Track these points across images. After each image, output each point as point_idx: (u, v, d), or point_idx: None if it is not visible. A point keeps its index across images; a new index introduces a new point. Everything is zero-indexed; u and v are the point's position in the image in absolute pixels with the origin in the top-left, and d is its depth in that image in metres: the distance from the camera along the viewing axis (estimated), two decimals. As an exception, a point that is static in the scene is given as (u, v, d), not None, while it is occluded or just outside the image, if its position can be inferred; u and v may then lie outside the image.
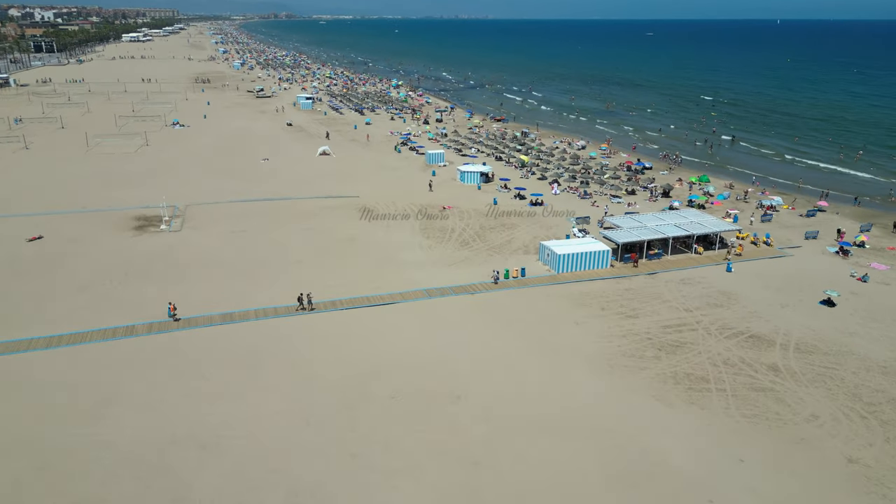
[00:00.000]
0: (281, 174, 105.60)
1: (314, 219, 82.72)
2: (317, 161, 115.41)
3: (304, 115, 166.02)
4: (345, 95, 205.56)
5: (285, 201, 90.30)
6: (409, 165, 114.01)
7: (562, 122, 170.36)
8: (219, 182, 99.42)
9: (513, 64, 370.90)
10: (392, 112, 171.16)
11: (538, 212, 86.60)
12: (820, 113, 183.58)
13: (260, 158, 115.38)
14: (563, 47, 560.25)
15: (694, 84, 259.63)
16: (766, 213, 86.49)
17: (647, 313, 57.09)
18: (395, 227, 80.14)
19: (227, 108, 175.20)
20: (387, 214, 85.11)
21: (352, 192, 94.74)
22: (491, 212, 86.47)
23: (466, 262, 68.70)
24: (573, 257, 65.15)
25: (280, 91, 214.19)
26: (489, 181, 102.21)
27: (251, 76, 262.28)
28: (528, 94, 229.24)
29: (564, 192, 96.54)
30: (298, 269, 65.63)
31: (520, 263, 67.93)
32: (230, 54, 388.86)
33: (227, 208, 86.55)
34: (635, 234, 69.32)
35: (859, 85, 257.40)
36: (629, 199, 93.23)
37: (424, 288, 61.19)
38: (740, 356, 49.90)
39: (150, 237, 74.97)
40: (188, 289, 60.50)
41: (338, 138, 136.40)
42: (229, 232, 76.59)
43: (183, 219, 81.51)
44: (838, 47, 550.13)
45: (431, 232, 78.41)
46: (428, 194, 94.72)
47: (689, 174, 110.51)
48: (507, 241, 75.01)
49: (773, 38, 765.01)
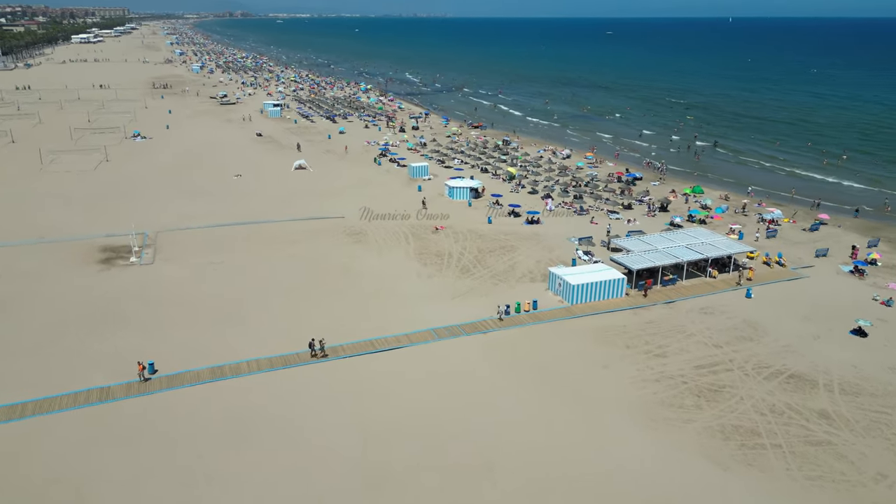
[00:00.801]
0: (256, 192, 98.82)
1: (299, 245, 76.56)
2: (293, 176, 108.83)
3: (273, 124, 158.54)
4: (313, 101, 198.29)
5: (265, 225, 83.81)
6: (392, 179, 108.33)
7: (540, 128, 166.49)
8: (189, 203, 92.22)
9: (479, 65, 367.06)
10: (366, 119, 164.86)
11: (538, 231, 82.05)
12: (789, 116, 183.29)
13: (232, 174, 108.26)
14: (527, 47, 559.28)
15: (661, 86, 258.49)
16: (770, 228, 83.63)
17: (675, 351, 52.94)
18: (387, 252, 74.61)
19: (191, 117, 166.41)
20: (377, 237, 79.50)
21: (336, 213, 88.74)
22: (487, 232, 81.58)
23: (471, 293, 63.65)
24: (588, 287, 60.71)
25: (245, 97, 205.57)
26: (479, 196, 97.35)
27: (212, 80, 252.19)
28: (499, 98, 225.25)
29: (559, 208, 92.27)
30: (289, 308, 59.64)
31: (527, 293, 63.29)
32: (188, 56, 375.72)
33: (202, 235, 79.70)
34: (648, 259, 65.29)
35: (820, 85, 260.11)
36: (627, 215, 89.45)
37: (432, 328, 55.88)
38: (786, 402, 46.03)
39: (119, 272, 67.87)
40: (168, 336, 54.03)
41: (312, 150, 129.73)
42: (207, 264, 69.93)
43: (154, 249, 74.45)
44: (793, 46, 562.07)
45: (428, 257, 73.12)
46: (418, 213, 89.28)
47: (680, 184, 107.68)
48: (511, 267, 70.22)
49: (727, 36, 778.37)
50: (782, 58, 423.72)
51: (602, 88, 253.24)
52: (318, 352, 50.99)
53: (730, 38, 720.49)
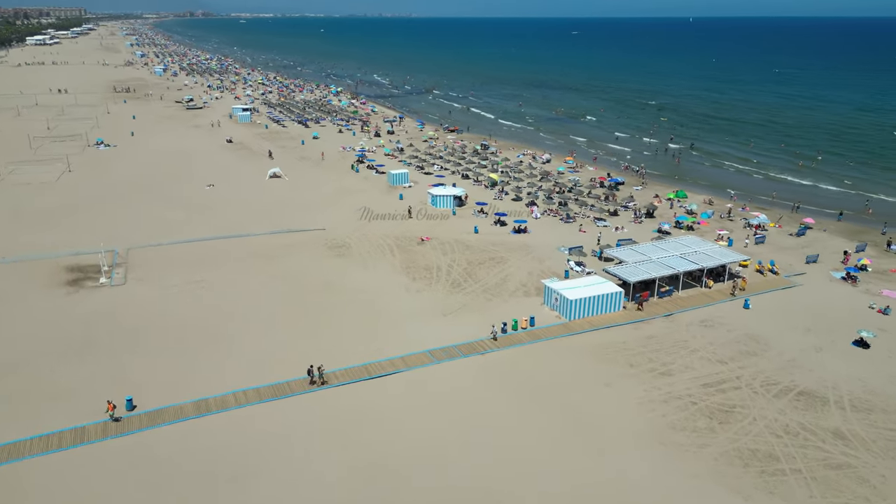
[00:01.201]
0: (231, 203, 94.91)
1: (280, 260, 73.21)
2: (268, 185, 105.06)
3: (243, 130, 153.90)
4: (283, 105, 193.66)
5: (242, 239, 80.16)
6: (372, 187, 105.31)
7: (516, 132, 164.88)
8: (161, 216, 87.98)
9: (448, 66, 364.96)
10: (339, 124, 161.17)
11: (526, 241, 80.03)
12: (759, 117, 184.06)
13: (204, 184, 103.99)
14: (494, 47, 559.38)
15: (630, 87, 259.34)
16: (758, 233, 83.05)
17: (680, 368, 51.32)
18: (373, 266, 71.79)
19: (156, 123, 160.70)
20: (360, 250, 76.59)
21: (316, 224, 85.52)
22: (474, 243, 79.26)
23: (464, 309, 61.26)
24: (586, 302, 58.84)
25: (212, 101, 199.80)
26: (463, 204, 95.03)
27: (176, 83, 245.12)
28: (472, 100, 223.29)
29: (545, 216, 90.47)
30: (275, 331, 56.48)
31: (522, 308, 61.21)
32: (149, 58, 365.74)
33: (176, 251, 75.77)
34: (644, 271, 63.75)
35: (785, 86, 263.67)
36: (614, 222, 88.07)
37: (428, 350, 53.32)
38: (798, 421, 44.68)
39: (88, 294, 63.74)
40: (146, 366, 50.46)
41: (286, 157, 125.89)
42: (185, 283, 66.20)
43: (126, 268, 70.34)
44: (755, 46, 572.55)
45: (415, 271, 70.52)
46: (401, 223, 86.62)
47: (662, 188, 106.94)
48: (502, 280, 68.03)
49: (689, 36, 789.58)
50: (745, 58, 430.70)
51: (572, 90, 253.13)
52: (317, 379, 48.06)
53: (692, 38, 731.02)
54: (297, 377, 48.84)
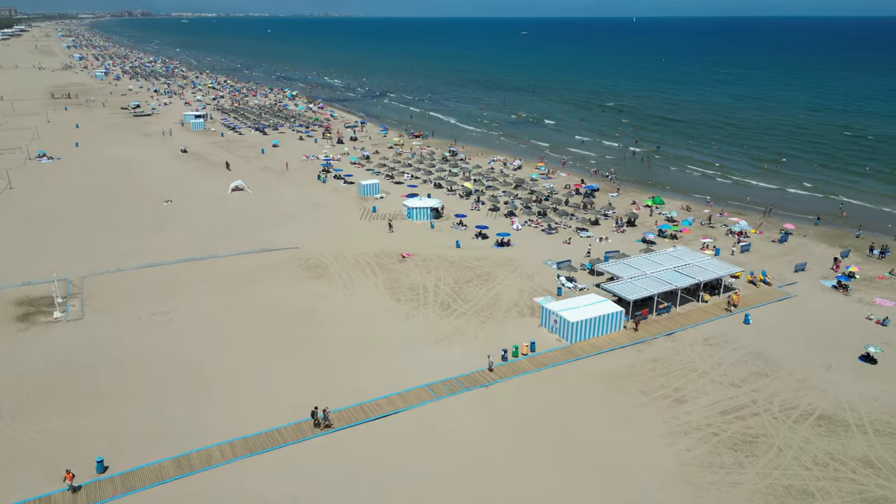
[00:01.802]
0: (192, 220, 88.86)
1: (253, 285, 68.11)
2: (231, 199, 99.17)
3: (197, 138, 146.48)
4: (238, 111, 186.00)
5: (209, 261, 74.59)
6: (341, 199, 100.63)
7: (480, 136, 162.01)
8: (117, 238, 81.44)
9: (404, 68, 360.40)
10: (299, 130, 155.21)
11: (511, 255, 76.90)
12: (716, 119, 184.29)
13: (161, 200, 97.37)
14: (447, 48, 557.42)
15: (585, 88, 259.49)
16: (741, 241, 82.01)
17: (694, 394, 48.90)
18: (354, 289, 67.45)
19: (102, 132, 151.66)
20: (339, 270, 72.11)
21: (287, 242, 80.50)
22: (457, 259, 75.74)
23: (458, 334, 57.66)
24: (587, 324, 56.02)
25: (160, 107, 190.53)
26: (440, 216, 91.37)
27: (120, 88, 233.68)
28: (431, 104, 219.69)
29: (526, 226, 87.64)
30: (255, 369, 51.72)
31: (518, 330, 58.11)
32: (88, 61, 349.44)
33: (137, 277, 69.77)
34: (641, 287, 61.37)
35: (734, 86, 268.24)
36: (595, 231, 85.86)
37: (427, 384, 49.49)
38: (825, 450, 42.70)
39: (42, 332, 57.52)
40: (115, 416, 45.14)
41: (246, 167, 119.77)
42: (150, 315, 60.56)
43: (82, 298, 64.11)
44: (700, 46, 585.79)
45: (400, 292, 66.53)
46: (379, 239, 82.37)
47: (637, 195, 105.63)
48: (494, 300, 64.70)
49: (634, 36, 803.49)
50: (692, 57, 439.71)
51: (530, 92, 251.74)
52: (321, 421, 43.81)
53: (637, 38, 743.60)
54: (287, 423, 44.41)
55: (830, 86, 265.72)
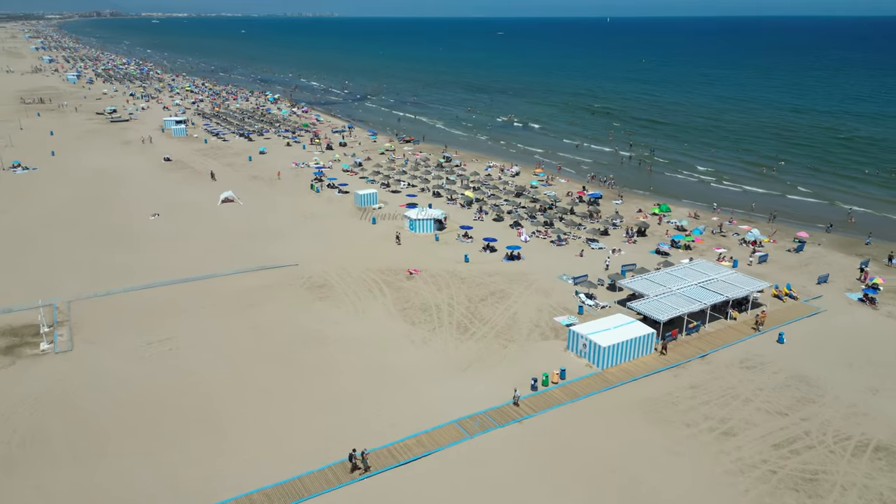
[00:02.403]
0: (183, 236, 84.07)
1: (256, 308, 63.85)
2: (222, 212, 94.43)
3: (180, 145, 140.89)
4: (219, 116, 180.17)
5: (206, 281, 70.07)
6: (337, 210, 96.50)
7: (472, 141, 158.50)
8: (104, 256, 76.42)
9: (381, 69, 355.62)
10: (285, 136, 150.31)
11: (523, 269, 73.55)
12: (704, 121, 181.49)
13: (147, 214, 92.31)
14: (426, 48, 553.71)
15: (571, 91, 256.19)
16: (757, 251, 79.67)
17: (742, 425, 45.94)
18: (363, 310, 63.54)
19: (79, 139, 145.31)
20: (345, 289, 68.13)
21: (286, 258, 76.25)
22: (467, 274, 72.19)
23: (480, 361, 54.13)
24: (619, 348, 52.88)
25: (138, 112, 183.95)
26: (443, 228, 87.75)
27: (94, 92, 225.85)
28: (418, 107, 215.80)
29: (534, 237, 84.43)
30: (270, 405, 47.65)
31: (544, 355, 54.83)
32: (59, 63, 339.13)
33: (129, 301, 65.03)
34: (670, 305, 58.44)
35: (715, 86, 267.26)
36: (606, 242, 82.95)
37: (455, 420, 45.85)
38: (890, 486, 40.00)
39: (28, 367, 52.72)
40: (120, 471, 40.78)
41: (234, 177, 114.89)
42: (147, 345, 56.03)
43: (70, 326, 59.31)
44: (676, 46, 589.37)
45: (413, 313, 62.81)
46: (384, 253, 78.51)
47: (641, 202, 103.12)
48: (512, 320, 61.30)
49: (609, 36, 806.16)
50: (670, 57, 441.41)
51: (515, 94, 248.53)
52: (360, 465, 40.13)
53: (612, 39, 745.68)
54: (310, 470, 40.50)
55: (811, 86, 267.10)
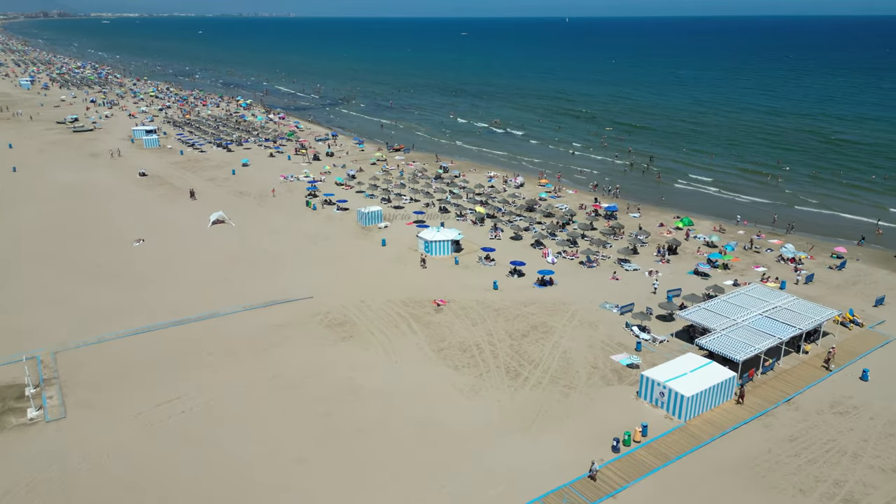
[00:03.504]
0: (174, 266, 75.34)
1: (272, 353, 56.09)
2: (214, 236, 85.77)
3: (154, 158, 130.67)
4: (191, 124, 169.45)
5: (208, 322, 61.86)
6: (340, 230, 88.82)
7: (463, 149, 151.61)
8: (84, 293, 67.36)
9: (354, 71, 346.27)
10: (267, 146, 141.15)
11: (559, 297, 67.26)
12: (690, 125, 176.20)
13: (130, 239, 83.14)
14: (392, 50, 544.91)
15: (550, 94, 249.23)
16: (799, 269, 75.04)
17: (860, 489, 40.37)
18: (396, 352, 56.38)
19: (42, 152, 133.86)
20: (369, 326, 60.81)
21: (296, 290, 68.41)
22: (501, 304, 65.62)
23: (544, 415, 47.55)
24: (702, 396, 46.97)
25: (102, 120, 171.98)
26: (460, 249, 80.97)
27: (51, 98, 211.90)
28: (396, 112, 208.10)
29: (561, 258, 78.31)
30: (307, 485, 40.21)
31: (611, 403, 48.78)
32: (9, 68, 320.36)
33: (124, 350, 56.46)
34: (743, 342, 52.87)
35: (689, 88, 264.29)
36: (638, 262, 77.33)
37: (538, 499, 39.17)
38: None
39: (16, 442, 44.05)
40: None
41: (219, 193, 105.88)
42: (152, 409, 47.74)
43: (59, 386, 50.64)
44: (639, 46, 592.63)
45: (452, 354, 55.94)
46: (401, 281, 71.33)
47: (658, 214, 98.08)
48: (566, 361, 54.90)
49: (572, 37, 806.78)
50: (639, 57, 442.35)
51: (495, 97, 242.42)
52: None
53: (575, 39, 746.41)
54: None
55: (780, 86, 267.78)
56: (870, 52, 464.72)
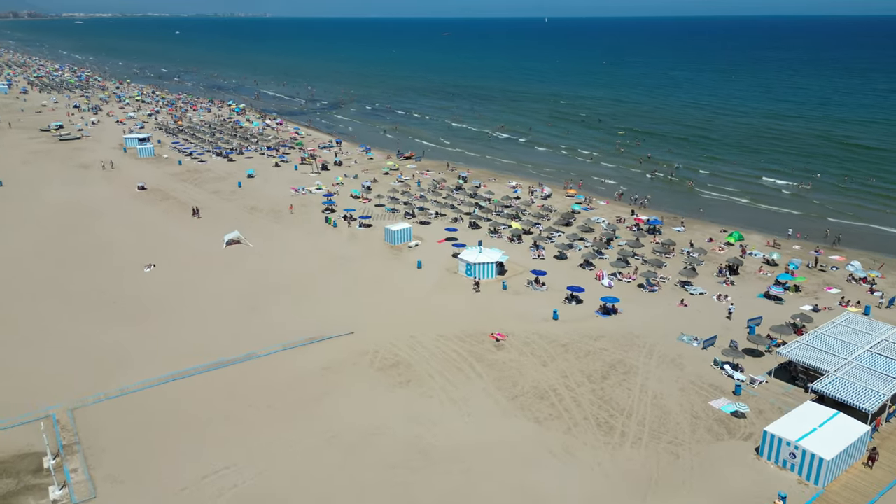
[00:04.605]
0: (193, 297, 67.44)
1: (321, 403, 48.82)
2: (232, 259, 77.91)
3: (150, 169, 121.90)
4: (185, 130, 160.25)
5: (243, 365, 54.31)
6: (366, 250, 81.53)
7: (477, 158, 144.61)
8: (97, 333, 59.33)
9: (342, 74, 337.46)
10: (271, 155, 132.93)
11: (629, 328, 60.78)
12: (698, 130, 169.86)
13: (139, 265, 74.96)
14: (377, 51, 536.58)
15: (545, 97, 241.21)
16: (873, 289, 69.49)
17: None
18: (464, 400, 49.40)
19: (27, 163, 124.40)
20: (427, 368, 53.78)
21: (334, 324, 61.07)
22: (567, 339, 58.98)
23: (657, 485, 40.86)
24: (842, 457, 40.72)
25: (89, 127, 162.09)
26: (504, 271, 74.21)
27: (31, 104, 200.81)
28: (396, 115, 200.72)
29: (617, 281, 71.91)
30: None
31: (727, 464, 42.51)
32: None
33: (149, 404, 48.71)
34: (863, 385, 46.84)
35: (685, 90, 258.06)
36: (700, 285, 71.21)
37: None
38: None
39: (36, 536, 36.43)
40: None
41: (226, 209, 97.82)
42: (198, 482, 40.16)
43: (82, 454, 42.86)
44: (624, 46, 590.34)
45: (529, 403, 49.13)
46: (449, 310, 64.32)
47: (703, 228, 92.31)
48: (659, 408, 48.36)
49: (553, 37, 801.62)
50: (628, 58, 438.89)
51: (490, 101, 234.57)
52: None
53: (557, 39, 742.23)
54: None
55: (776, 87, 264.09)
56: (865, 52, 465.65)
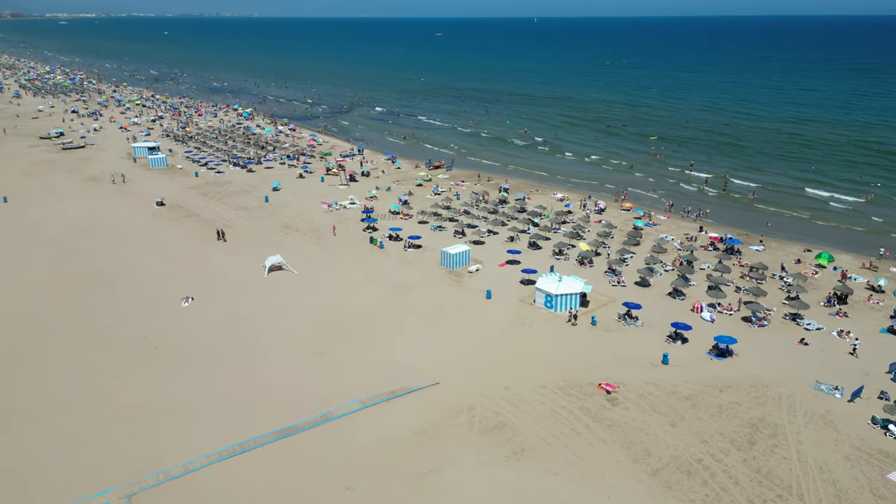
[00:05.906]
0: (246, 339, 58.50)
1: (429, 482, 40.48)
2: (278, 289, 69.11)
3: (165, 181, 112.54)
4: (194, 138, 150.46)
5: (323, 429, 45.75)
6: (423, 276, 73.03)
7: (504, 167, 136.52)
8: (143, 390, 50.45)
9: (345, 75, 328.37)
10: (293, 164, 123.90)
11: (753, 376, 52.81)
12: (730, 137, 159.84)
13: (175, 298, 66.01)
14: (376, 51, 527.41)
15: (557, 100, 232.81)
16: None
17: None
18: (596, 477, 41.27)
19: (30, 175, 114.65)
20: (538, 431, 45.52)
21: (415, 373, 52.64)
22: (687, 391, 50.96)
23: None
24: None
25: (91, 134, 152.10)
26: (587, 303, 66.11)
27: (25, 108, 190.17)
28: (411, 120, 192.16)
29: (719, 313, 63.99)
30: None
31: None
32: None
33: (219, 485, 40.08)
34: None
35: (697, 92, 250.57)
36: (812, 318, 63.46)
37: None
38: None
39: None
40: None
41: (258, 229, 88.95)
42: None
43: (150, 566, 34.26)
44: (622, 46, 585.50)
45: (675, 479, 41.10)
46: (543, 356, 56.06)
47: (781, 246, 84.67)
48: (831, 485, 40.48)
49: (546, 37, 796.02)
50: (631, 57, 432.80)
51: (502, 103, 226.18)
52: None
53: (552, 40, 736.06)
54: None
55: (788, 89, 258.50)
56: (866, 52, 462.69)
